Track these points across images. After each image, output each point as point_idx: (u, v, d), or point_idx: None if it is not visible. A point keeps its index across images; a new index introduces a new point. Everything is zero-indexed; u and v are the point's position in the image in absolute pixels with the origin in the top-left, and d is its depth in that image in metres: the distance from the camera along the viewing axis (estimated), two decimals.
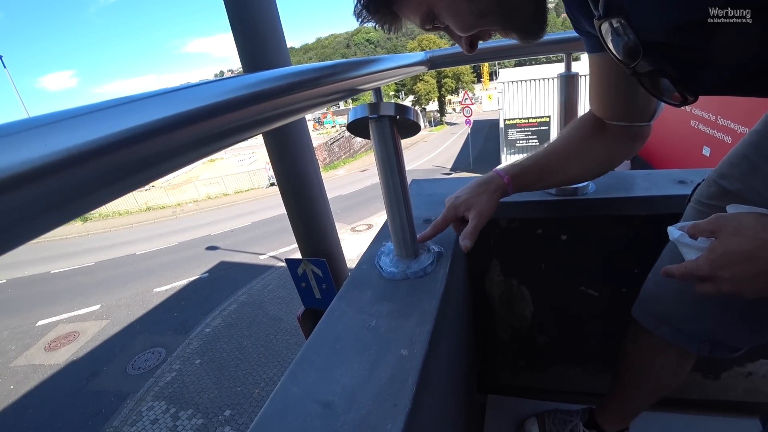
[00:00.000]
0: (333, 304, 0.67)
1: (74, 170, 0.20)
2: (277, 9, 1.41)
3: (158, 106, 0.27)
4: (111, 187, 0.23)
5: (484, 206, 0.72)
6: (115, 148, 0.22)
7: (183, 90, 0.30)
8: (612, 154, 0.79)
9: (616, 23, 0.47)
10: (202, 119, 0.30)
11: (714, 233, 0.51)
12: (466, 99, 18.14)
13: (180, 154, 0.27)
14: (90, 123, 0.22)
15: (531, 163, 0.79)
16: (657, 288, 0.84)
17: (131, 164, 0.24)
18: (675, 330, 0.81)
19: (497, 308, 1.24)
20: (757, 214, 0.49)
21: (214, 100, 0.31)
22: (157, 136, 0.26)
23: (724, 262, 0.49)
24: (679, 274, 0.53)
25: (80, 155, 0.20)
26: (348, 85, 0.53)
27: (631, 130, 0.74)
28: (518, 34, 0.54)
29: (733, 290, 0.50)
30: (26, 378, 6.73)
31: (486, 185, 0.76)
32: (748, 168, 0.64)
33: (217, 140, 0.32)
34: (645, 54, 0.47)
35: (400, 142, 0.68)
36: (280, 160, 1.37)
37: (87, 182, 0.21)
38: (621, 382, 1.00)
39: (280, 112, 0.40)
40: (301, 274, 1.46)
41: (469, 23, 0.51)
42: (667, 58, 0.48)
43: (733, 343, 0.78)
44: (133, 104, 0.26)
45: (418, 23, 0.55)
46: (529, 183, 0.79)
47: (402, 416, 0.46)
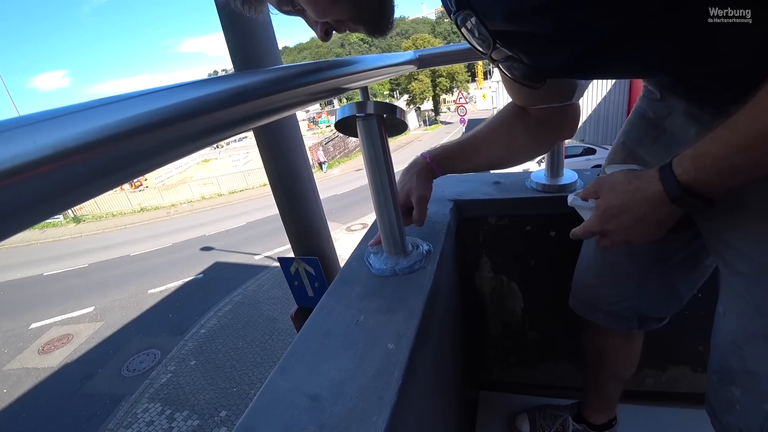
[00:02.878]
0: (322, 301, 0.68)
1: (59, 166, 0.21)
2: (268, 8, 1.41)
3: (142, 105, 0.28)
4: (97, 182, 0.24)
5: (419, 188, 0.78)
6: (98, 145, 0.23)
7: (166, 90, 0.31)
8: (538, 137, 0.81)
9: (467, 15, 0.49)
10: (187, 118, 0.31)
11: (597, 193, 0.58)
12: (460, 98, 18.19)
13: (161, 152, 0.28)
14: (72, 122, 0.23)
15: (454, 144, 0.83)
16: (582, 277, 0.92)
17: (116, 161, 0.25)
18: (605, 313, 0.88)
19: (488, 305, 1.26)
20: (626, 171, 0.56)
21: (198, 98, 0.32)
22: (139, 134, 0.26)
23: (608, 216, 0.55)
24: (580, 233, 0.61)
25: (65, 152, 0.21)
26: (333, 84, 0.54)
27: (553, 111, 0.76)
28: (365, 28, 0.55)
29: (622, 239, 0.56)
30: (19, 381, 6.66)
31: (412, 168, 0.81)
32: (627, 154, 0.74)
33: (201, 138, 0.33)
34: (495, 43, 0.50)
35: (387, 140, 0.68)
36: (271, 160, 1.37)
37: (72, 178, 0.22)
38: (589, 373, 1.06)
39: (265, 110, 0.41)
40: (293, 273, 1.47)
41: (323, 8, 0.51)
42: (514, 45, 0.52)
43: (657, 313, 0.86)
44: (120, 103, 0.27)
45: (275, 4, 0.55)
46: (453, 163, 0.82)
47: (388, 409, 0.47)
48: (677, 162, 0.47)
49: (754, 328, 0.53)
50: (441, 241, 0.83)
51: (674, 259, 0.76)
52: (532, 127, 0.79)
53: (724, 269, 0.58)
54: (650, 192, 0.50)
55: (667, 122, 0.66)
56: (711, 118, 0.43)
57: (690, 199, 0.46)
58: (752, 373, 0.55)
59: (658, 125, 0.67)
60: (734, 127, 0.40)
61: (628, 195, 0.52)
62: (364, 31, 0.56)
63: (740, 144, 0.40)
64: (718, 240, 0.58)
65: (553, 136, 0.83)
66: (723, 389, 0.60)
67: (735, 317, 0.57)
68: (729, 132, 0.41)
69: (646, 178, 0.51)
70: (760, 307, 0.52)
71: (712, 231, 0.60)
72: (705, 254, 0.74)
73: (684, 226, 0.65)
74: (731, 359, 0.57)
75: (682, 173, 0.46)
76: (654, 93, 0.69)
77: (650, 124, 0.70)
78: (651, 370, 1.23)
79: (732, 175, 0.42)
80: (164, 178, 24.92)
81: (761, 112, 0.38)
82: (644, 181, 0.51)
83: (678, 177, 0.46)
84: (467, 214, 1.08)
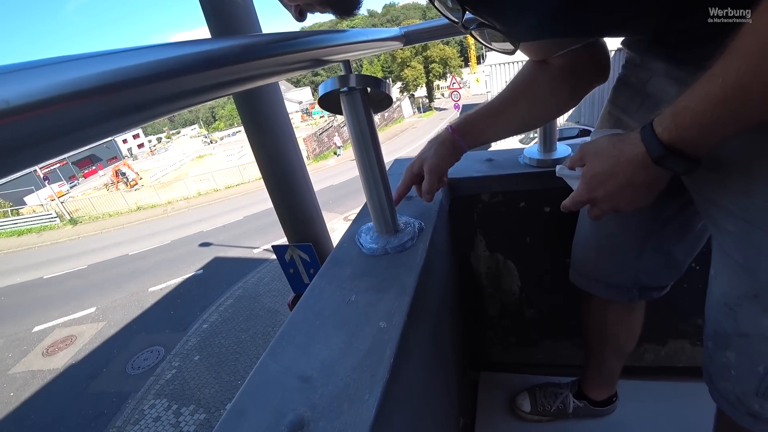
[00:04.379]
0: (313, 282, 0.67)
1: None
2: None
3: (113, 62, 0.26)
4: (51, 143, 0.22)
5: (432, 159, 0.75)
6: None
7: (137, 50, 0.29)
8: (566, 84, 0.74)
9: None
10: (154, 80, 0.29)
11: (582, 160, 0.56)
12: (454, 83, 18.03)
13: (122, 114, 0.26)
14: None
15: (477, 111, 0.79)
16: (580, 251, 0.91)
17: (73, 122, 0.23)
18: (606, 285, 0.88)
19: (485, 285, 1.25)
20: (610, 135, 0.53)
21: (166, 60, 0.30)
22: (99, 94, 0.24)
23: (595, 183, 0.53)
24: (569, 204, 0.59)
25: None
26: (312, 55, 0.52)
27: (575, 55, 0.70)
28: (332, 9, 0.56)
29: (611, 207, 0.54)
30: (26, 384, 6.70)
31: (434, 140, 0.78)
32: (614, 122, 0.72)
33: (173, 101, 0.31)
34: (465, 11, 0.50)
35: (373, 115, 0.66)
36: (260, 147, 1.35)
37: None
38: (590, 348, 1.06)
39: (239, 77, 0.39)
40: (288, 261, 1.46)
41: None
42: (482, 11, 0.52)
43: (657, 282, 0.85)
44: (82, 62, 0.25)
45: None
46: (478, 130, 0.77)
47: (380, 386, 0.46)
48: (657, 121, 0.45)
49: (745, 287, 0.52)
50: (433, 219, 0.81)
51: (670, 226, 0.75)
52: (558, 76, 0.73)
53: (713, 230, 0.57)
54: (633, 154, 0.48)
55: (648, 86, 0.64)
56: (689, 77, 0.42)
57: (673, 159, 0.45)
58: (745, 335, 0.54)
59: (641, 90, 0.66)
60: (710, 79, 0.39)
61: (613, 160, 0.51)
62: (332, 11, 0.57)
63: (717, 96, 0.38)
64: (708, 201, 0.57)
65: (582, 81, 0.74)
66: (718, 355, 0.59)
67: (726, 278, 0.56)
68: (706, 85, 0.39)
69: (629, 140, 0.49)
70: (748, 265, 0.51)
71: (701, 193, 0.58)
72: (699, 219, 0.73)
73: (676, 192, 0.63)
74: (725, 322, 0.56)
75: (662, 132, 0.44)
76: (635, 58, 0.67)
77: (633, 90, 0.68)
78: (650, 345, 1.23)
79: (713, 129, 0.41)
80: (159, 176, 24.79)
81: (736, 61, 0.36)
82: (627, 144, 0.49)
83: (659, 136, 0.45)
84: (460, 192, 1.06)
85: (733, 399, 0.58)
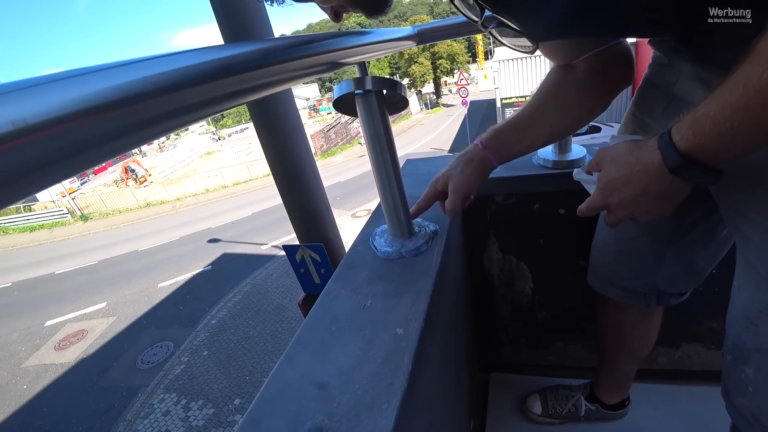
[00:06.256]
0: (328, 286, 0.66)
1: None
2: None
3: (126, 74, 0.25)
4: (66, 161, 0.22)
5: (459, 177, 0.71)
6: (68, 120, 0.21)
7: (146, 61, 0.28)
8: (594, 89, 0.71)
9: None
10: (170, 91, 0.28)
11: (599, 165, 0.55)
12: (461, 79, 17.88)
13: (138, 129, 0.25)
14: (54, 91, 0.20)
15: (503, 124, 0.75)
16: (599, 254, 0.90)
17: (89, 139, 0.23)
18: (623, 290, 0.86)
19: (497, 286, 1.23)
20: (628, 141, 0.51)
21: (181, 69, 0.29)
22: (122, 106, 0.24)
23: (610, 190, 0.52)
24: (585, 209, 0.57)
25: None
26: (328, 58, 0.51)
27: (600, 57, 0.68)
28: (362, 9, 0.56)
29: (625, 215, 0.52)
30: (38, 378, 6.82)
31: (462, 156, 0.74)
32: (637, 124, 0.71)
33: (187, 112, 0.30)
34: (483, 10, 0.50)
35: (388, 117, 0.66)
36: (271, 146, 1.34)
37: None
38: (604, 352, 1.04)
39: (255, 84, 0.38)
40: (299, 260, 1.46)
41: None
42: (501, 10, 0.51)
43: (676, 289, 0.83)
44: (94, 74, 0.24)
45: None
46: (507, 144, 0.73)
47: (398, 395, 0.45)
48: (676, 128, 0.43)
49: (767, 301, 0.50)
50: (447, 221, 0.80)
51: (693, 233, 0.73)
52: (585, 80, 0.70)
53: (738, 241, 0.55)
54: (649, 163, 0.46)
55: (675, 88, 0.61)
56: (717, 80, 0.39)
57: (691, 169, 0.42)
58: (765, 351, 0.52)
59: (668, 92, 0.63)
60: (731, 85, 0.36)
61: (629, 167, 0.49)
62: (362, 11, 0.57)
63: (738, 103, 0.35)
64: (734, 211, 0.55)
65: (610, 84, 0.72)
66: (737, 369, 0.57)
67: (749, 291, 0.54)
68: (727, 91, 0.36)
69: (646, 148, 0.47)
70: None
71: (727, 201, 0.56)
72: (723, 227, 0.70)
73: (701, 198, 0.61)
74: (745, 336, 0.54)
75: (680, 140, 0.42)
76: (662, 59, 0.64)
77: (659, 92, 0.65)
78: (664, 348, 1.21)
79: (734, 138, 0.38)
80: (168, 172, 24.97)
81: (758, 66, 0.33)
82: (644, 152, 0.47)
83: (676, 144, 0.42)
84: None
85: (749, 416, 0.56)
